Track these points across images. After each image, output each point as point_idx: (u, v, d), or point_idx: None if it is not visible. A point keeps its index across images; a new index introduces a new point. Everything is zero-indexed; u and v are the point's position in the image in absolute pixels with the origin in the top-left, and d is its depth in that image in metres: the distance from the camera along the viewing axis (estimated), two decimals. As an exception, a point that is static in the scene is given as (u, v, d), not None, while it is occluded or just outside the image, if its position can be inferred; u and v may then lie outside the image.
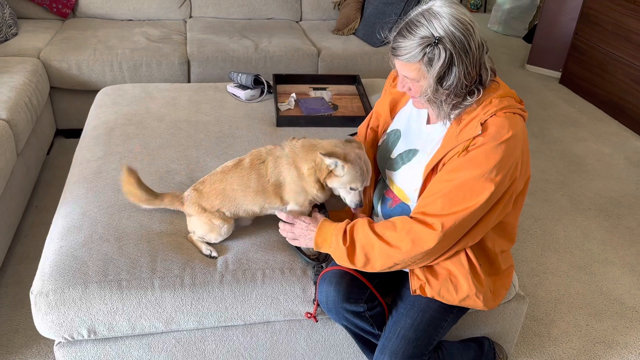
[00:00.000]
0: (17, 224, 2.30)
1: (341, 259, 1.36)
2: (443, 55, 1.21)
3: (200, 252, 1.54)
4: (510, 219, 1.40)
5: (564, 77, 4.32)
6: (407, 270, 1.43)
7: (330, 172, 1.43)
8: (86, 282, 1.44)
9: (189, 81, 3.05)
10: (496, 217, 1.31)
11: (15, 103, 2.35)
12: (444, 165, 1.30)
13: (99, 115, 2.22)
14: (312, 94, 2.58)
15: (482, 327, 1.72)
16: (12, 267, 2.17)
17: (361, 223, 1.35)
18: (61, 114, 3.02)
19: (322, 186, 1.46)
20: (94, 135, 2.07)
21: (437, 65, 1.22)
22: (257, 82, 2.52)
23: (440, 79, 1.24)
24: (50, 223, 1.71)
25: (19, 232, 2.36)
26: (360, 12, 3.44)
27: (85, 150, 1.99)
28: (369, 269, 1.35)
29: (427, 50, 1.21)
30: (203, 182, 1.56)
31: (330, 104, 2.48)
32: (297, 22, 3.71)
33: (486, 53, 1.28)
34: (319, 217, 1.46)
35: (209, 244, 1.55)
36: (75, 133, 2.99)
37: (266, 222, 1.67)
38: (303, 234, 1.45)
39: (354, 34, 3.44)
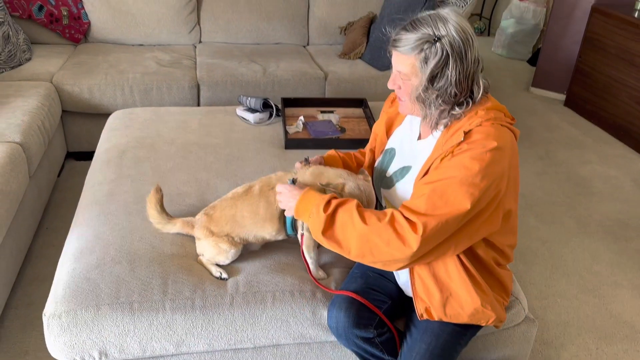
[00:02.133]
0: (28, 245, 2.32)
1: (317, 230, 1.31)
2: (439, 54, 1.24)
3: (211, 274, 1.56)
4: (497, 237, 1.39)
5: (568, 99, 4.35)
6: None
7: None
8: (98, 304, 1.46)
9: (198, 105, 3.10)
10: (480, 228, 1.29)
11: (29, 126, 2.39)
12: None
13: (110, 139, 2.26)
14: (320, 117, 2.61)
15: (492, 351, 1.71)
16: (22, 289, 2.18)
17: (350, 202, 1.32)
18: (72, 136, 3.06)
19: None
20: (106, 158, 2.11)
21: (432, 63, 1.25)
22: (265, 105, 2.56)
23: (433, 79, 1.27)
24: (61, 245, 1.73)
25: (30, 254, 2.38)
26: (366, 37, 3.50)
27: (97, 173, 2.02)
28: (344, 252, 1.31)
29: (425, 46, 1.25)
30: (214, 207, 1.59)
31: (337, 126, 2.51)
32: (304, 46, 3.77)
33: (481, 71, 1.32)
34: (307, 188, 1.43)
35: (219, 265, 1.57)
36: (86, 155, 3.04)
37: (276, 244, 1.69)
38: (287, 199, 1.41)
39: (360, 58, 3.49)
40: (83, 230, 1.71)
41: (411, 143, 1.47)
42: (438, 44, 1.24)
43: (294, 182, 1.47)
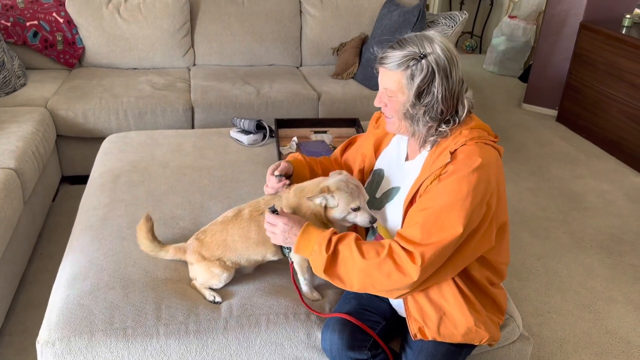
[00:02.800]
0: (22, 271, 2.32)
1: (319, 268, 1.33)
2: (425, 70, 1.28)
3: (204, 298, 1.56)
4: (493, 256, 1.40)
5: (560, 115, 4.40)
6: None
7: (326, 209, 1.46)
8: (92, 330, 1.45)
9: (193, 127, 3.12)
10: (475, 247, 1.32)
11: (23, 152, 2.40)
12: (420, 196, 1.34)
13: (104, 163, 2.27)
14: (313, 137, 2.63)
15: (487, 369, 1.71)
16: (16, 315, 2.17)
17: (349, 237, 1.34)
18: (67, 161, 3.07)
19: (326, 225, 1.49)
20: (100, 182, 2.12)
21: (418, 79, 1.29)
22: (259, 127, 2.58)
23: (419, 95, 1.30)
24: (55, 270, 1.73)
25: (24, 279, 2.37)
26: (358, 57, 3.54)
27: (91, 198, 2.03)
28: (346, 286, 1.34)
29: (411, 63, 1.29)
30: (204, 232, 1.60)
31: (330, 146, 2.53)
32: (297, 67, 3.81)
33: (465, 91, 1.35)
34: (303, 219, 1.43)
35: (212, 289, 1.57)
36: (81, 179, 3.04)
37: (270, 267, 1.69)
38: (285, 235, 1.41)
39: (352, 78, 3.53)
40: (77, 255, 1.72)
41: (399, 164, 1.49)
42: (424, 61, 1.28)
43: (275, 211, 1.44)
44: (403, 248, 1.27)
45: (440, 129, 1.35)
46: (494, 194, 1.30)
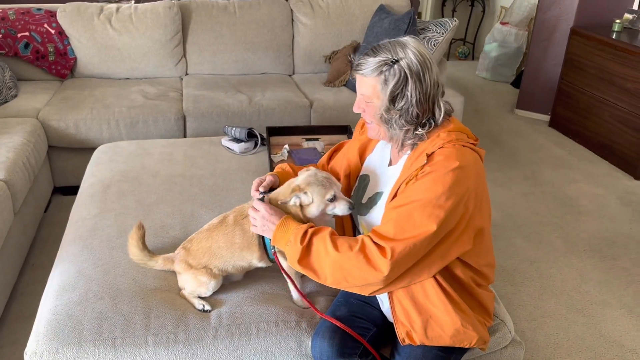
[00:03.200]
0: (13, 282, 2.30)
1: (293, 259, 1.35)
2: (398, 74, 1.30)
3: (194, 307, 1.55)
4: (472, 258, 1.39)
5: (552, 120, 4.41)
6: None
7: (303, 208, 1.46)
8: (80, 341, 1.44)
9: (185, 136, 3.12)
10: (451, 248, 1.31)
11: (14, 163, 2.40)
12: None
13: (95, 173, 2.26)
14: (305, 144, 2.64)
15: (479, 375, 1.70)
16: (8, 327, 2.16)
17: (324, 231, 1.35)
18: (59, 171, 3.07)
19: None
20: (90, 193, 2.11)
21: (391, 83, 1.31)
22: (250, 135, 2.58)
23: (393, 99, 1.32)
24: (47, 281, 1.72)
25: (15, 291, 2.35)
26: (350, 65, 3.55)
27: (81, 208, 2.02)
28: (320, 279, 1.34)
29: (384, 68, 1.31)
30: (191, 241, 1.59)
31: (322, 153, 2.53)
32: (290, 75, 3.82)
33: (442, 95, 1.37)
34: (284, 212, 1.45)
35: (201, 298, 1.56)
36: (73, 190, 3.03)
37: (259, 275, 1.68)
38: (264, 223, 1.43)
39: (345, 85, 3.54)
40: (66, 266, 1.71)
41: (382, 169, 1.50)
42: (396, 66, 1.30)
43: (263, 199, 1.48)
44: (375, 243, 1.28)
45: (417, 132, 1.36)
46: (470, 197, 1.30)
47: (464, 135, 1.37)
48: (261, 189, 1.54)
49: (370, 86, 1.34)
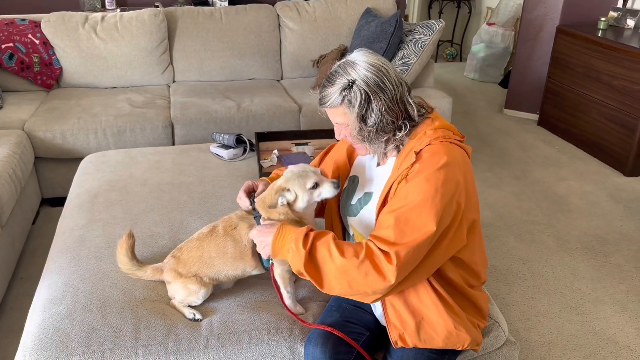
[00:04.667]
0: (2, 296, 2.27)
1: (299, 266, 1.30)
2: (359, 94, 1.30)
3: (184, 316, 1.53)
4: (466, 255, 1.39)
5: (541, 119, 4.43)
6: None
7: (289, 205, 1.45)
8: (69, 354, 1.42)
9: (173, 144, 3.09)
10: (448, 246, 1.31)
11: (-1, 175, 2.36)
12: (391, 198, 1.34)
13: (82, 183, 2.24)
14: (294, 149, 2.62)
15: (474, 376, 1.69)
16: (-5, 343, 2.12)
17: (327, 235, 1.32)
18: (46, 183, 3.03)
19: (302, 224, 1.47)
20: (77, 203, 2.08)
21: (356, 104, 1.31)
22: (239, 141, 2.56)
23: (363, 117, 1.33)
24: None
25: (4, 305, 2.32)
26: (338, 68, 3.54)
27: (68, 219, 2.00)
28: (324, 285, 1.31)
29: (345, 93, 1.31)
30: (180, 249, 1.58)
31: (312, 157, 2.52)
32: (278, 81, 3.81)
33: (409, 92, 1.37)
34: (276, 223, 1.42)
35: (192, 306, 1.54)
36: (61, 201, 2.99)
37: (250, 282, 1.67)
38: (261, 240, 1.40)
39: (333, 89, 3.53)
40: (53, 278, 1.68)
41: (371, 170, 1.50)
42: (354, 87, 1.31)
43: (258, 216, 1.47)
44: (379, 249, 1.26)
45: (395, 138, 1.37)
46: (462, 192, 1.30)
47: (450, 132, 1.37)
48: (248, 201, 1.53)
49: (340, 114, 1.35)
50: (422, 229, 1.25)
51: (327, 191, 1.44)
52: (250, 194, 1.57)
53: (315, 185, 1.43)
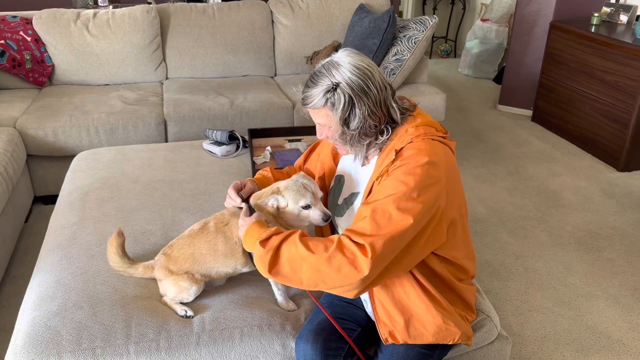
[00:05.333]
0: (-7, 295, 2.26)
1: (262, 269, 1.30)
2: (342, 98, 1.30)
3: (176, 313, 1.53)
4: (448, 251, 1.38)
5: (535, 114, 4.44)
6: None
7: (279, 211, 1.46)
8: (60, 352, 1.41)
9: (166, 141, 3.08)
10: (426, 243, 1.29)
11: (-10, 173, 2.35)
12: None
13: (74, 181, 2.23)
14: (287, 145, 2.61)
15: (467, 371, 1.69)
16: (-13, 341, 2.11)
17: (293, 235, 1.30)
18: (39, 181, 3.02)
19: (287, 228, 1.47)
20: (69, 201, 2.07)
21: (340, 108, 1.30)
22: (232, 137, 2.55)
23: (346, 121, 1.32)
24: (27, 292, 1.68)
25: (-4, 304, 2.31)
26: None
27: (59, 217, 1.99)
28: (295, 284, 1.30)
29: (329, 95, 1.30)
30: (171, 246, 1.57)
31: (305, 155, 2.51)
32: (272, 77, 3.80)
33: (392, 95, 1.36)
34: (261, 215, 1.42)
35: (183, 303, 1.54)
36: (54, 199, 2.98)
37: (242, 279, 1.66)
38: (241, 227, 1.42)
39: (327, 85, 3.52)
40: (44, 276, 1.67)
41: (356, 170, 1.49)
42: (338, 90, 1.30)
43: (247, 202, 1.48)
44: (353, 241, 1.24)
45: (377, 142, 1.37)
46: (443, 190, 1.28)
47: (432, 129, 1.36)
48: (239, 198, 1.53)
49: (322, 115, 1.35)
50: (399, 221, 1.22)
51: (314, 217, 1.45)
52: (239, 192, 1.56)
53: (307, 207, 1.44)
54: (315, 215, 1.44)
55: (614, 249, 2.77)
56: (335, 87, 1.29)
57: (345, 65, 1.31)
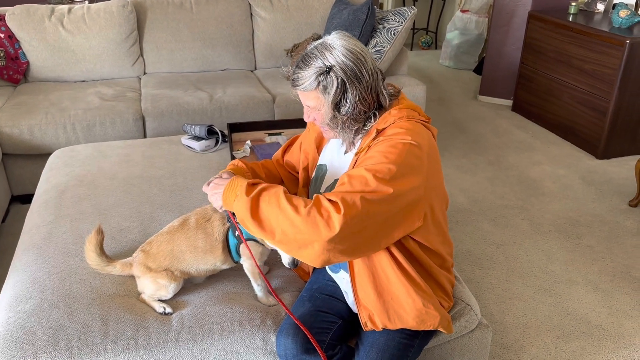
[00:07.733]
0: (-31, 297, 2.21)
1: (245, 214, 1.26)
2: (335, 82, 1.28)
3: (154, 310, 1.51)
4: (430, 236, 1.37)
5: (515, 104, 4.46)
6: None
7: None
8: (35, 352, 1.39)
9: (144, 137, 3.05)
10: (401, 222, 1.27)
11: (-36, 173, 2.30)
12: None
13: (50, 179, 2.19)
14: (268, 139, 2.60)
15: (448, 360, 1.70)
16: (-36, 344, 2.07)
17: (276, 188, 1.29)
18: (16, 180, 2.97)
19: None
20: (45, 199, 2.04)
21: (332, 91, 1.29)
22: (211, 132, 2.53)
23: (337, 105, 1.32)
24: (3, 294, 1.65)
25: (-27, 306, 2.26)
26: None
27: (35, 216, 1.95)
28: (267, 235, 1.26)
29: (321, 78, 1.29)
30: (150, 243, 1.55)
31: (285, 148, 2.50)
32: (252, 71, 3.77)
33: (382, 81, 1.36)
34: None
35: (162, 300, 1.52)
36: (31, 198, 2.94)
37: (222, 274, 1.65)
38: (215, 191, 1.39)
39: (307, 78, 3.50)
40: (19, 276, 1.64)
41: (340, 157, 1.49)
42: (332, 73, 1.28)
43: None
44: (328, 199, 1.23)
45: (365, 128, 1.37)
46: (422, 172, 1.28)
47: (415, 112, 1.37)
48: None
49: (313, 97, 1.33)
50: (375, 188, 1.21)
51: (284, 257, 1.41)
52: None
53: None
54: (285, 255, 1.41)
55: (594, 235, 2.81)
56: (328, 70, 1.28)
57: (338, 48, 1.29)
